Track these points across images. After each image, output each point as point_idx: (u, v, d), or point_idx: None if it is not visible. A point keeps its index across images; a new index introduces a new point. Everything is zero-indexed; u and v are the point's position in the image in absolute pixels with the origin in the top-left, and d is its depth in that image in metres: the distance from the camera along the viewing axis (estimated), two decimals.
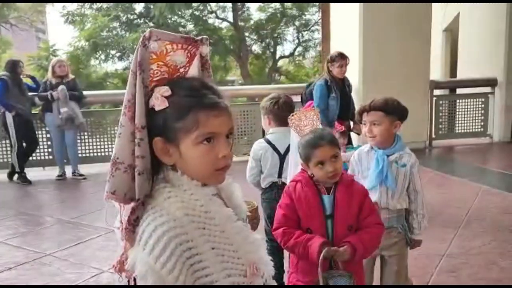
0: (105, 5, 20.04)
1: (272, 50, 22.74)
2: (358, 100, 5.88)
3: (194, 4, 20.45)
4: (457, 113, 7.97)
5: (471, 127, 7.98)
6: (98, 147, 6.57)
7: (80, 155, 6.16)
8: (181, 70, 0.98)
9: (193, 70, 1.00)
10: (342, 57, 4.74)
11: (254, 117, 7.14)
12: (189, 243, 0.88)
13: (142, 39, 0.90)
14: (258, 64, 22.77)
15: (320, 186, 1.76)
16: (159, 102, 0.90)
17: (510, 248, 3.26)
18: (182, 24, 20.86)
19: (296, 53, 23.09)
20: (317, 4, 19.58)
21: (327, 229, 1.73)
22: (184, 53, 0.95)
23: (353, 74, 6.93)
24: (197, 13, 20.89)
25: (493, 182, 5.23)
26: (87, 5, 20.35)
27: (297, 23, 22.39)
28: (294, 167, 2.07)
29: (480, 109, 8.02)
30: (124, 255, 1.03)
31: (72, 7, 20.75)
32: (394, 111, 2.11)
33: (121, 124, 0.93)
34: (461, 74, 8.85)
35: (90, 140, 6.55)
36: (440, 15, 9.28)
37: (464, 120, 7.97)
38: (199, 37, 0.99)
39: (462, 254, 3.14)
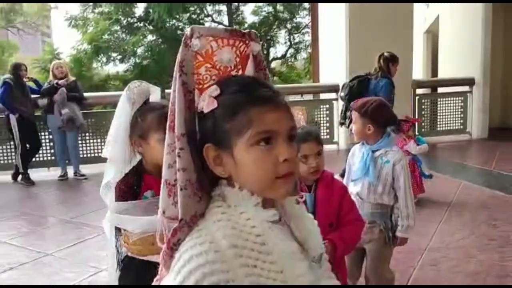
0: (106, 9, 19.91)
1: (265, 52, 22.73)
2: None
3: (191, 8, 20.38)
4: (439, 111, 7.97)
5: (451, 124, 8.00)
6: (100, 147, 6.44)
7: (81, 155, 6.11)
8: (233, 72, 0.81)
9: (248, 73, 0.83)
10: (397, 60, 4.86)
11: None
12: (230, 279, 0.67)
13: (184, 38, 0.76)
14: None
15: (302, 184, 1.70)
16: (206, 102, 0.75)
17: (488, 242, 3.26)
18: (180, 27, 20.77)
19: (288, 54, 23.14)
20: (307, 7, 19.58)
21: None
22: (232, 50, 0.80)
23: (340, 74, 6.95)
24: (194, 16, 20.82)
25: (472, 177, 5.24)
26: (89, 9, 20.22)
27: (288, 26, 22.45)
28: None
29: (460, 107, 8.03)
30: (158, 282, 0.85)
31: (75, 11, 20.64)
32: (367, 115, 2.12)
33: (167, 135, 0.79)
34: (442, 74, 8.89)
35: (92, 141, 6.48)
36: (422, 17, 9.29)
37: (445, 118, 7.99)
38: (246, 31, 0.82)
39: (442, 248, 3.13)
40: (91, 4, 20.06)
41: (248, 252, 0.69)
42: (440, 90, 8.49)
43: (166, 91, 6.75)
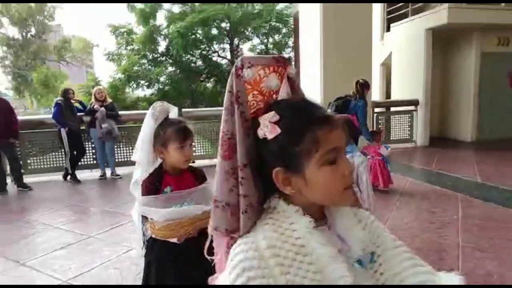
0: (136, 46, 19.91)
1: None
2: None
3: (202, 46, 20.42)
4: (391, 125, 7.98)
5: (401, 135, 7.98)
6: (131, 153, 6.33)
7: (117, 159, 6.06)
8: (274, 96, 0.69)
9: (283, 94, 0.70)
10: (369, 85, 4.96)
11: None
12: (264, 280, 0.58)
13: (235, 69, 0.64)
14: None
15: None
16: (269, 129, 0.62)
17: (429, 225, 3.27)
18: (193, 61, 20.80)
19: None
20: (291, 45, 19.70)
21: None
22: (276, 76, 0.67)
23: (316, 99, 6.96)
24: (204, 52, 20.86)
25: (417, 176, 5.24)
26: (123, 46, 20.22)
27: None
28: None
29: (407, 122, 8.05)
30: None
31: (112, 48, 20.62)
32: None
33: (217, 163, 0.68)
34: (394, 97, 8.86)
35: (125, 148, 6.43)
36: (378, 53, 9.30)
37: (396, 130, 7.99)
38: (287, 56, 0.73)
39: (394, 229, 3.11)
40: (124, 42, 20.07)
41: (285, 252, 0.60)
42: (393, 109, 8.50)
43: (183, 110, 6.76)
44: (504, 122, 8.03)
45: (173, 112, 1.59)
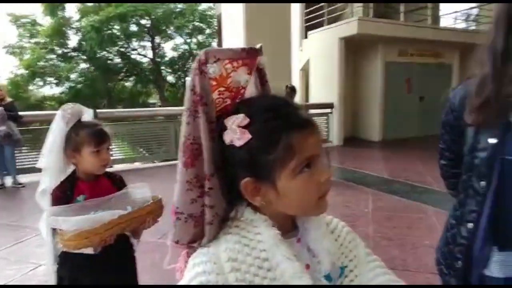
0: (42, 39, 17.91)
1: (183, 80, 22.33)
2: None
3: (119, 42, 19.25)
4: None
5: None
6: (36, 159, 5.73)
7: (20, 166, 5.37)
8: (242, 90, 0.61)
9: (251, 87, 0.63)
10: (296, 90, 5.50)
11: (169, 132, 6.86)
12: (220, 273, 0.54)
13: (198, 64, 0.55)
14: (173, 91, 22.15)
15: None
16: (238, 135, 0.54)
17: (344, 218, 3.52)
18: (110, 58, 19.47)
19: None
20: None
21: None
22: (246, 70, 0.60)
23: None
24: (122, 49, 19.67)
25: (334, 173, 5.62)
26: (26, 38, 18.03)
27: None
28: None
29: (324, 123, 8.65)
30: None
31: (12, 40, 18.24)
32: None
33: (178, 171, 0.59)
34: (312, 100, 9.40)
35: (29, 153, 5.75)
36: (298, 59, 9.79)
37: None
38: (259, 45, 0.62)
39: None
40: (28, 34, 17.92)
41: (247, 267, 0.54)
42: (311, 111, 9.08)
43: (98, 110, 6.30)
44: (405, 123, 9.14)
45: (87, 115, 1.47)
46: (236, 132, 0.54)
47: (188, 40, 21.11)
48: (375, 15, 8.55)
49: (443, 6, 10.57)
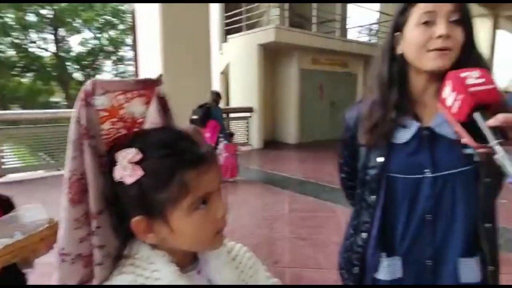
0: None
1: (93, 78, 20.66)
2: None
3: (14, 33, 17.00)
4: (231, 129, 8.61)
5: (240, 139, 8.65)
6: None
7: None
8: (140, 120, 0.58)
9: (152, 115, 0.59)
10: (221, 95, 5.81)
11: None
12: None
13: (84, 95, 0.52)
14: (80, 89, 20.27)
15: None
16: (129, 172, 0.51)
17: (263, 221, 3.65)
18: (2, 50, 17.06)
19: None
20: (130, 43, 18.72)
21: None
22: (142, 100, 0.57)
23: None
24: (17, 41, 17.39)
25: (253, 176, 5.78)
26: None
27: (113, 57, 20.90)
28: None
29: (245, 127, 8.85)
30: None
31: None
32: None
33: (63, 207, 0.54)
34: (233, 104, 9.54)
35: None
36: (218, 62, 9.82)
37: (236, 135, 8.66)
38: (157, 76, 0.60)
39: (234, 230, 3.29)
40: None
41: None
42: (232, 115, 9.21)
43: None
44: (319, 127, 9.85)
45: None
46: (127, 169, 0.51)
47: (99, 35, 19.64)
48: (290, 24, 9.06)
49: (349, 20, 11.69)
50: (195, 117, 5.17)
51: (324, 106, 10.00)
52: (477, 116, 0.63)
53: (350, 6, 11.68)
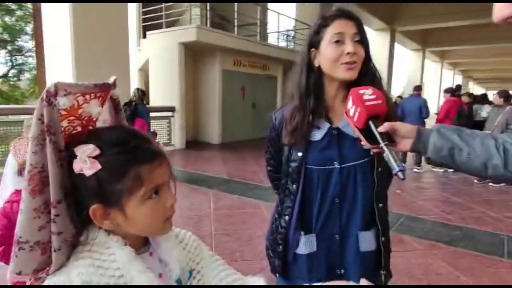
0: None
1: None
2: None
3: None
4: (153, 129, 8.37)
5: (161, 139, 8.48)
6: None
7: None
8: (94, 119, 0.66)
9: (105, 114, 0.67)
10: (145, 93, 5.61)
11: None
12: None
13: (46, 95, 0.56)
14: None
15: None
16: (88, 165, 0.58)
17: (189, 220, 3.70)
18: None
19: (10, 74, 19.00)
20: (30, 32, 16.78)
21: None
22: (98, 102, 0.64)
23: None
24: None
25: (179, 177, 5.77)
26: None
27: (9, 47, 18.46)
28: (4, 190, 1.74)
29: (166, 127, 8.69)
30: None
31: None
32: None
33: (22, 199, 0.59)
34: (153, 102, 9.27)
35: None
36: (136, 58, 9.45)
37: (158, 134, 8.45)
38: (112, 80, 0.66)
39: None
40: None
41: (110, 279, 0.59)
42: (153, 114, 8.96)
43: None
44: (241, 128, 10.13)
45: None
46: (86, 162, 0.57)
47: None
48: (212, 25, 9.17)
49: (269, 25, 12.25)
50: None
51: (246, 107, 10.33)
52: (370, 124, 0.84)
53: (270, 12, 12.25)
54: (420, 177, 6.33)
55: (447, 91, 6.72)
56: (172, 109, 8.62)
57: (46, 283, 0.59)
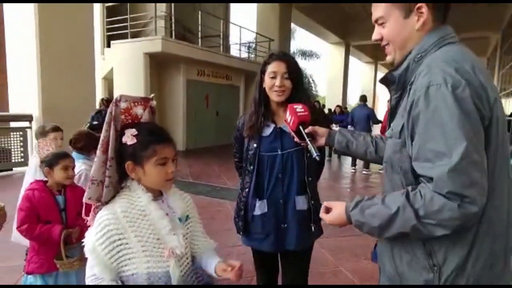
0: None
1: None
2: None
3: None
4: None
5: None
6: None
7: None
8: (140, 117, 1.10)
9: (146, 115, 1.11)
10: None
11: None
12: (119, 231, 1.00)
13: (115, 101, 1.04)
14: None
15: (53, 190, 1.82)
16: (129, 139, 1.03)
17: None
18: None
19: None
20: None
21: (62, 219, 1.81)
22: (142, 107, 1.09)
23: (34, 107, 6.44)
24: None
25: None
26: None
27: None
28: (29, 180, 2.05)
29: None
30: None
31: None
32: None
33: (97, 155, 1.05)
34: None
35: None
36: (100, 67, 9.51)
37: None
38: (151, 96, 1.13)
39: None
40: None
41: (131, 214, 1.03)
42: None
43: None
44: (205, 135, 10.52)
45: None
46: (129, 137, 1.05)
47: None
48: (176, 36, 9.55)
49: (232, 37, 12.83)
50: (95, 122, 5.22)
51: (209, 115, 10.75)
52: (300, 127, 1.34)
53: (232, 25, 12.86)
54: (368, 178, 7.11)
55: (389, 101, 7.59)
56: None
57: (102, 209, 1.03)
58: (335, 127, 4.37)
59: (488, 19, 13.74)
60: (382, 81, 1.08)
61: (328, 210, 1.06)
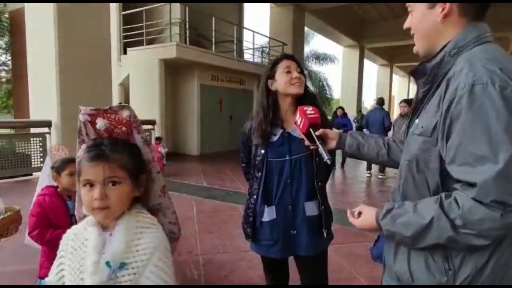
0: None
1: None
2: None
3: None
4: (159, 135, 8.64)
5: None
6: None
7: None
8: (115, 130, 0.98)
9: (102, 127, 0.98)
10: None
11: None
12: (62, 253, 0.94)
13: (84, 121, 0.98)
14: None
15: (64, 195, 1.83)
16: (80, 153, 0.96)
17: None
18: None
19: None
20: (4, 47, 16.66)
21: (72, 224, 1.71)
22: (104, 120, 0.97)
23: (53, 113, 6.60)
24: None
25: None
26: None
27: None
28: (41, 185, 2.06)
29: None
30: None
31: None
32: None
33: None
34: None
35: None
36: (116, 73, 9.67)
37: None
38: (122, 105, 1.01)
39: None
40: None
41: (77, 242, 0.93)
42: None
43: None
44: (219, 139, 10.56)
45: None
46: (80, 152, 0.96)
47: None
48: (190, 42, 9.67)
49: (245, 43, 12.88)
50: None
51: (223, 119, 10.80)
52: (310, 130, 1.31)
53: (245, 30, 12.92)
54: (383, 182, 6.98)
55: (403, 101, 7.44)
56: (153, 122, 8.95)
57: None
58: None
59: (508, 20, 13.37)
60: (412, 72, 1.04)
61: (358, 214, 1.04)
